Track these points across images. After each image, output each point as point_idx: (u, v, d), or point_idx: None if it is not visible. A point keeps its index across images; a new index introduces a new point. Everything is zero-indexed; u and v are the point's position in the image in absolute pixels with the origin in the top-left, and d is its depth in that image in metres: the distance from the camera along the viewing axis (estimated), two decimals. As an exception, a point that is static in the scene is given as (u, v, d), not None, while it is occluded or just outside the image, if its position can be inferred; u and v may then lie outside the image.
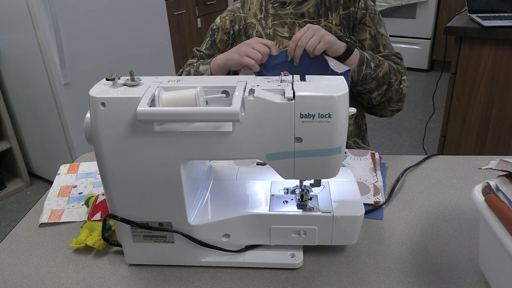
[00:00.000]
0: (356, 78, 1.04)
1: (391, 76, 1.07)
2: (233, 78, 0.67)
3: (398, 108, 1.14)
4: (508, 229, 0.55)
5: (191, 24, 3.17)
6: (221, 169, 0.83)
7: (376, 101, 1.11)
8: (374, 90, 1.07)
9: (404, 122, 3.06)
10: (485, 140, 1.97)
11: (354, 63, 1.02)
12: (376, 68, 1.04)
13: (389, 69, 1.06)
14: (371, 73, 1.04)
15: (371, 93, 1.09)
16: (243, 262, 0.72)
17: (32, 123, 2.36)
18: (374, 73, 1.04)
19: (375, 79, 1.05)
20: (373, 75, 1.04)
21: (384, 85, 1.07)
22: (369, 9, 1.13)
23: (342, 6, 1.13)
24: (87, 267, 0.74)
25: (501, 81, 1.83)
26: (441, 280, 0.68)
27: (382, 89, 1.08)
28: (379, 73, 1.05)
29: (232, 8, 1.21)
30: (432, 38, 3.80)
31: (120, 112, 0.61)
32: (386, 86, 1.07)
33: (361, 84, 1.06)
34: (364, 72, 1.03)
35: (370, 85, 1.06)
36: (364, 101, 1.14)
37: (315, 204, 0.72)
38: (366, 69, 1.03)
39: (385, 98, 1.10)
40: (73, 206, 0.88)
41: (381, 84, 1.06)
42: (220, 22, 1.20)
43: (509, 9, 1.95)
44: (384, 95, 1.09)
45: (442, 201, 0.87)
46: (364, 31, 1.12)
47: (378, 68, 1.05)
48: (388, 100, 1.11)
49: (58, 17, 1.98)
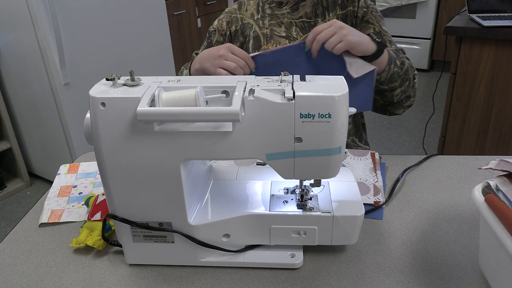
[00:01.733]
0: (385, 78, 1.01)
1: (410, 71, 1.06)
2: (233, 78, 0.67)
3: (410, 104, 1.13)
4: (508, 229, 0.55)
5: (191, 24, 3.17)
6: (221, 169, 0.83)
7: (397, 98, 1.09)
8: (398, 87, 1.05)
9: (404, 122, 3.06)
10: (485, 140, 1.97)
11: (383, 63, 0.99)
12: (402, 66, 1.03)
13: (409, 64, 1.05)
14: (398, 71, 1.02)
15: (395, 91, 1.06)
16: (243, 262, 0.72)
17: (32, 123, 2.36)
18: (401, 71, 1.02)
19: (401, 76, 1.03)
20: (400, 73, 1.02)
21: (406, 81, 1.05)
22: (370, 7, 1.12)
23: (340, 6, 1.12)
24: (87, 267, 0.74)
25: (501, 81, 1.83)
26: (441, 280, 0.68)
27: (404, 85, 1.06)
28: (404, 70, 1.03)
29: (229, 10, 1.21)
30: (432, 38, 3.80)
31: (120, 112, 0.61)
32: (407, 82, 1.06)
33: (387, 83, 1.03)
34: (392, 70, 1.01)
35: (396, 83, 1.04)
36: (383, 99, 1.12)
37: (315, 204, 0.72)
38: (393, 68, 1.01)
39: (405, 94, 1.08)
40: (73, 206, 0.88)
41: (404, 80, 1.05)
42: (217, 24, 1.21)
43: (509, 9, 1.95)
44: (405, 92, 1.08)
45: (442, 201, 0.87)
46: (368, 29, 1.11)
47: (403, 65, 1.03)
48: (407, 96, 1.10)
49: (58, 17, 1.98)
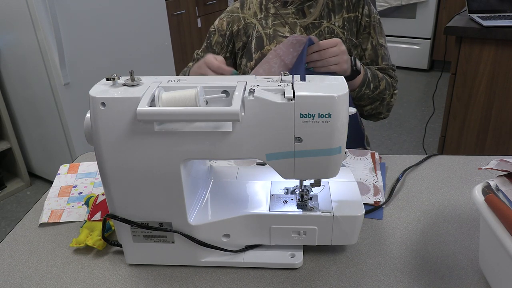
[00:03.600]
0: (354, 96, 1.08)
1: (386, 92, 1.11)
2: (233, 78, 0.67)
3: (384, 117, 1.20)
4: (508, 229, 0.55)
5: (191, 24, 3.17)
6: (221, 169, 0.83)
7: (367, 113, 1.16)
8: (368, 105, 1.13)
9: (404, 122, 3.06)
10: (485, 140, 1.97)
11: (355, 85, 1.05)
12: (374, 89, 1.09)
13: (385, 87, 1.10)
14: (368, 93, 1.08)
15: (364, 107, 1.13)
16: (243, 262, 0.72)
17: (32, 123, 2.36)
18: (371, 93, 1.09)
19: (371, 98, 1.10)
20: (370, 95, 1.09)
21: (377, 101, 1.12)
22: (372, 17, 1.15)
23: (346, 9, 1.13)
24: (87, 267, 0.74)
25: (501, 81, 1.83)
26: (441, 280, 0.68)
27: (375, 104, 1.13)
28: (376, 93, 1.10)
29: (230, 9, 1.21)
30: (432, 38, 3.80)
31: (120, 112, 0.61)
32: (378, 102, 1.13)
33: (356, 100, 1.10)
34: (363, 92, 1.07)
35: (365, 102, 1.11)
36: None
37: (315, 204, 0.72)
38: (365, 90, 1.07)
39: (376, 111, 1.15)
40: (73, 206, 0.88)
41: (375, 100, 1.12)
42: (217, 23, 1.20)
43: (509, 9, 1.95)
44: (376, 109, 1.14)
45: (442, 201, 0.87)
46: (367, 41, 1.15)
47: (376, 89, 1.09)
48: (378, 112, 1.16)
49: (58, 17, 1.98)
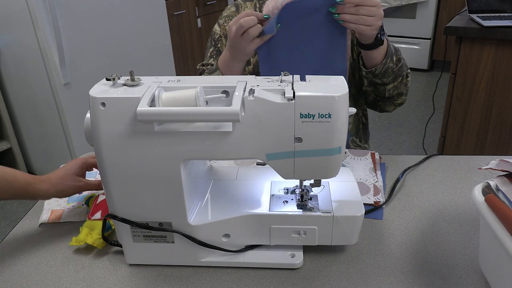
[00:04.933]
0: (379, 71, 1.02)
1: (404, 69, 1.06)
2: (233, 78, 0.67)
3: (402, 102, 1.14)
4: (508, 229, 0.55)
5: (191, 24, 3.16)
6: (221, 169, 0.83)
7: (389, 93, 1.09)
8: (391, 82, 1.06)
9: (404, 122, 3.06)
10: (485, 140, 1.97)
11: (380, 56, 0.99)
12: (398, 62, 1.03)
13: (404, 63, 1.06)
14: (393, 66, 1.02)
15: (387, 85, 1.07)
16: (243, 262, 0.72)
17: (32, 123, 2.36)
18: (395, 67, 1.03)
19: (394, 72, 1.04)
20: (394, 69, 1.03)
21: (399, 77, 1.06)
22: None
23: None
24: (87, 267, 0.74)
25: (501, 81, 1.83)
26: (441, 280, 0.68)
27: (397, 81, 1.06)
28: (398, 67, 1.04)
29: (227, 14, 1.20)
30: (432, 38, 3.80)
31: (120, 112, 0.61)
32: (400, 79, 1.06)
33: (380, 77, 1.04)
34: (387, 65, 1.01)
35: (389, 78, 1.05)
36: (375, 93, 1.12)
37: (315, 204, 0.72)
38: (389, 63, 1.01)
39: (397, 90, 1.09)
40: (73, 206, 0.88)
41: (397, 76, 1.05)
42: (220, 30, 1.19)
43: (509, 9, 1.95)
44: (397, 88, 1.08)
45: (442, 201, 0.87)
46: None
47: (399, 62, 1.04)
48: (399, 93, 1.10)
49: (58, 17, 1.98)
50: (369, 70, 1.02)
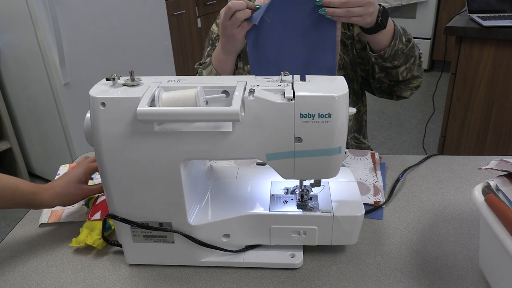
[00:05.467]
0: (388, 54, 0.98)
1: (415, 49, 1.03)
2: (233, 78, 0.67)
3: (418, 85, 1.10)
4: (508, 229, 0.55)
5: (191, 24, 3.16)
6: (221, 169, 0.83)
7: (402, 76, 1.05)
8: (403, 64, 1.02)
9: (404, 122, 3.06)
10: (485, 140, 1.97)
11: (387, 37, 0.96)
12: (408, 43, 1.00)
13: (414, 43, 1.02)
14: (402, 48, 0.99)
15: (399, 67, 1.03)
16: (243, 262, 0.72)
17: (32, 123, 2.36)
18: (405, 48, 0.99)
19: (405, 53, 1.00)
20: (404, 50, 0.99)
21: (411, 58, 1.02)
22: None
23: None
24: (87, 267, 0.74)
25: (501, 81, 1.83)
26: (441, 280, 0.68)
27: (409, 63, 1.02)
28: (409, 47, 1.00)
29: None
30: (432, 38, 3.80)
31: (120, 112, 0.61)
32: (412, 59, 1.03)
33: (391, 60, 1.00)
34: (397, 47, 0.98)
35: (400, 60, 1.01)
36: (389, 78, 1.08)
37: (315, 204, 0.72)
38: (398, 44, 0.98)
39: (411, 73, 1.05)
40: (73, 206, 0.88)
41: (409, 57, 1.01)
42: (218, 29, 1.19)
43: (509, 9, 1.95)
44: (410, 69, 1.04)
45: (442, 201, 0.87)
46: None
47: (409, 42, 1.00)
48: (413, 76, 1.06)
49: (58, 17, 1.98)
50: (378, 55, 0.99)
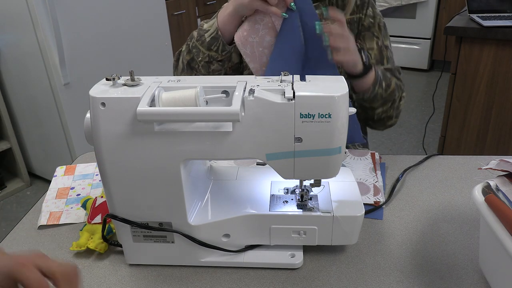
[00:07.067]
0: (368, 97, 1.01)
1: (395, 93, 1.05)
2: (233, 78, 0.67)
3: (392, 124, 1.13)
4: (508, 229, 0.55)
5: (191, 24, 3.16)
6: (221, 169, 0.83)
7: (377, 117, 1.09)
8: (379, 107, 1.05)
9: (404, 122, 3.06)
10: (485, 140, 1.97)
11: (368, 83, 0.99)
12: (387, 88, 1.02)
13: (394, 87, 1.04)
14: (381, 93, 1.02)
15: (376, 110, 1.06)
16: (243, 262, 0.72)
17: (32, 123, 2.36)
18: (385, 93, 1.02)
19: (384, 98, 1.03)
20: (383, 95, 1.02)
21: (389, 103, 1.05)
22: (377, 18, 1.10)
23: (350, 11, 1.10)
24: (88, 268, 0.74)
25: (501, 81, 1.83)
26: (441, 280, 0.68)
27: (386, 106, 1.06)
28: (388, 92, 1.03)
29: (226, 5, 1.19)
30: (432, 38, 3.81)
31: (120, 112, 0.61)
32: (390, 104, 1.06)
33: (369, 102, 1.03)
34: (376, 91, 1.01)
35: (378, 103, 1.04)
36: (364, 115, 1.11)
37: (315, 204, 0.72)
38: (378, 89, 1.01)
39: (386, 114, 1.08)
40: (72, 207, 0.88)
41: (387, 101, 1.05)
42: None
43: (509, 9, 1.95)
44: (386, 112, 1.07)
45: (442, 201, 0.87)
46: (372, 40, 1.09)
47: (388, 88, 1.03)
48: (388, 116, 1.09)
49: (58, 17, 1.98)
50: (357, 94, 1.02)
